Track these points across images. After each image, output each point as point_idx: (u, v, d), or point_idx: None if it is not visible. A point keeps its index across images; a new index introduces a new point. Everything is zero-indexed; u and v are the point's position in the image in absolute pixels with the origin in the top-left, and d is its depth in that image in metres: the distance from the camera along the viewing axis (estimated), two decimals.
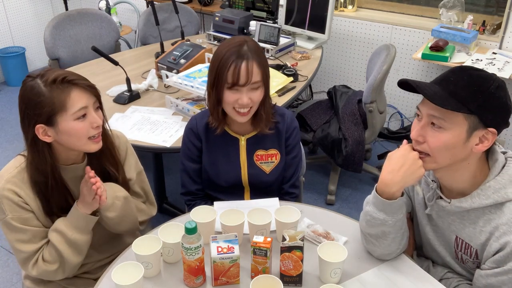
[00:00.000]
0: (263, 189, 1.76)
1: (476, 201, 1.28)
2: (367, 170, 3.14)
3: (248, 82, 1.53)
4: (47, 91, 1.27)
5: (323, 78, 3.96)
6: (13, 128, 3.81)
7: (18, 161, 1.39)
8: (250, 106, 1.58)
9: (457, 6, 3.18)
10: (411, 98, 3.63)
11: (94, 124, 1.34)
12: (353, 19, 3.61)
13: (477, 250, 1.33)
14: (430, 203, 1.39)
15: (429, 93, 1.21)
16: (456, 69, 1.26)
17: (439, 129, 1.22)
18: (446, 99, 1.19)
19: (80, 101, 1.30)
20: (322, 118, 3.00)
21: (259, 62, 1.55)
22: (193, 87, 2.22)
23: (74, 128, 1.30)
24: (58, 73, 1.29)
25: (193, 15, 3.65)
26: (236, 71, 1.51)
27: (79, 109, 1.30)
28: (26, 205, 1.36)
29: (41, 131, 1.30)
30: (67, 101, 1.28)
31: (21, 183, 1.35)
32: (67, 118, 1.29)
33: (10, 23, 4.51)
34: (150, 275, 1.35)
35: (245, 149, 1.71)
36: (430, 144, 1.24)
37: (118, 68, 2.35)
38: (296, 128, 1.76)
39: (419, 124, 1.27)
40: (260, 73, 1.55)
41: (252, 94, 1.56)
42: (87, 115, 1.33)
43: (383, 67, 2.63)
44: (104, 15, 3.39)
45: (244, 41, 1.55)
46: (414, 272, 1.37)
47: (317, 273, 1.35)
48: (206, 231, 1.43)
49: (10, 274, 2.48)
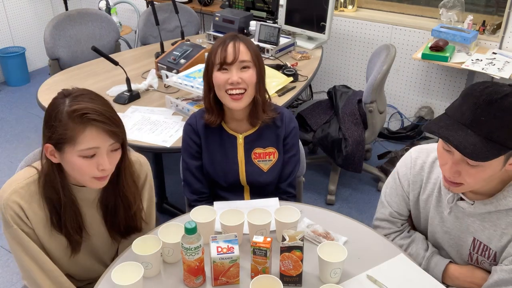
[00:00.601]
0: (262, 188, 1.76)
1: (502, 203, 1.27)
2: (367, 170, 3.14)
3: (235, 59, 1.56)
4: (65, 118, 1.21)
5: (323, 78, 3.96)
6: (13, 128, 3.81)
7: (28, 173, 1.35)
8: (242, 87, 1.58)
9: (457, 6, 3.18)
10: (411, 98, 3.63)
11: (100, 167, 1.26)
12: (353, 19, 3.61)
13: (496, 252, 1.33)
14: (450, 204, 1.38)
15: (470, 150, 1.13)
16: (483, 105, 1.15)
17: (476, 167, 1.17)
18: (487, 149, 1.13)
19: (91, 141, 1.23)
20: (322, 118, 3.00)
21: (248, 44, 1.59)
22: (193, 87, 2.22)
23: (77, 164, 1.25)
24: (82, 105, 1.22)
25: (193, 15, 3.65)
26: (223, 50, 1.57)
27: (88, 148, 1.23)
28: (27, 220, 1.32)
29: (49, 150, 1.27)
30: (79, 136, 1.22)
31: (28, 196, 1.31)
32: (73, 152, 1.24)
33: (10, 23, 4.51)
34: (150, 275, 1.35)
35: (243, 147, 1.72)
36: (467, 180, 1.21)
37: (118, 68, 2.35)
38: (295, 127, 1.76)
39: (452, 160, 1.21)
40: (249, 53, 1.58)
41: (242, 73, 1.58)
42: (97, 156, 1.25)
43: (383, 67, 2.63)
44: (104, 15, 3.39)
45: (234, 34, 1.62)
46: (414, 272, 1.37)
47: (317, 273, 1.35)
48: (206, 231, 1.43)
49: (10, 274, 2.48)
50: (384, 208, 1.55)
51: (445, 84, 3.43)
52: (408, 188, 1.50)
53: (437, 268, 1.44)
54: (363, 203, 3.02)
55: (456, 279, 1.43)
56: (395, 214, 1.54)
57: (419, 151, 1.48)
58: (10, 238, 1.34)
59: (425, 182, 1.45)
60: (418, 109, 3.62)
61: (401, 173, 1.50)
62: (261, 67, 1.63)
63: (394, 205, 1.53)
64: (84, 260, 1.47)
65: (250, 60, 1.58)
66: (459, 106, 1.19)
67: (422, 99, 3.58)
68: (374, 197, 3.05)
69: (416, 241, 1.51)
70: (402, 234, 1.54)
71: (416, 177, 1.47)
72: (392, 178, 1.54)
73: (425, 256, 1.47)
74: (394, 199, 1.53)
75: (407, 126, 3.68)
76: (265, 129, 1.72)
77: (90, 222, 1.42)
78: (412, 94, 3.61)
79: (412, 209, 1.53)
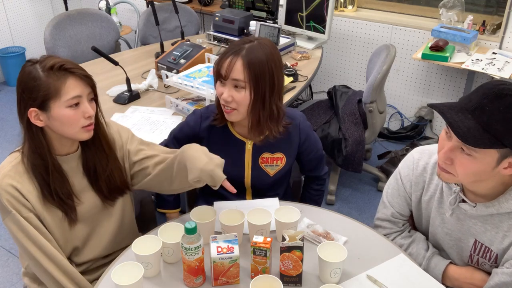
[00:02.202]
0: (265, 192, 1.76)
1: (504, 206, 1.26)
2: (367, 170, 3.14)
3: (227, 76, 1.50)
4: (44, 76, 1.29)
5: (323, 78, 3.96)
6: (13, 128, 3.81)
7: (12, 157, 1.41)
8: (232, 106, 1.53)
9: (457, 6, 3.18)
10: (411, 98, 3.63)
11: (86, 114, 1.35)
12: (353, 19, 3.61)
13: (497, 254, 1.32)
14: (452, 206, 1.38)
15: (462, 131, 1.14)
16: (491, 96, 1.15)
17: (469, 156, 1.18)
18: (480, 136, 1.13)
19: (74, 89, 1.32)
20: (322, 118, 3.00)
21: (248, 62, 1.48)
22: (193, 87, 2.22)
23: (65, 115, 1.32)
24: (56, 60, 1.32)
25: (193, 15, 3.65)
26: (221, 62, 1.52)
27: (73, 97, 1.32)
28: (24, 200, 1.36)
29: (33, 114, 1.32)
30: (62, 88, 1.30)
31: (17, 176, 1.36)
32: (60, 105, 1.31)
33: (10, 23, 4.51)
34: (150, 275, 1.35)
35: (251, 152, 1.69)
36: (457, 169, 1.22)
37: (118, 68, 2.35)
38: (310, 129, 1.73)
39: (448, 145, 1.22)
40: (245, 73, 1.48)
41: (235, 92, 1.51)
42: (80, 105, 1.34)
43: (383, 67, 2.63)
44: (104, 15, 3.39)
45: (251, 40, 1.53)
46: (414, 272, 1.37)
47: (317, 273, 1.35)
48: (206, 231, 1.43)
49: (10, 274, 2.48)
50: (386, 209, 1.55)
51: (445, 84, 3.43)
52: (410, 189, 1.50)
53: (437, 268, 1.44)
54: (363, 203, 3.02)
55: (455, 280, 1.43)
56: (397, 215, 1.54)
57: (421, 153, 1.48)
58: (10, 225, 1.37)
59: (427, 183, 1.45)
60: (418, 109, 3.62)
61: (403, 174, 1.50)
62: (261, 87, 1.51)
63: (396, 206, 1.53)
64: (84, 230, 1.50)
65: (245, 80, 1.48)
66: (469, 95, 1.21)
67: (422, 99, 3.58)
68: (374, 197, 3.06)
69: (417, 241, 1.51)
70: (403, 233, 1.55)
71: (419, 179, 1.46)
72: (394, 179, 1.54)
73: (425, 256, 1.47)
74: (396, 200, 1.53)
75: (407, 126, 3.68)
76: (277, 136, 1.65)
77: (79, 190, 1.47)
78: (412, 94, 3.61)
79: (413, 210, 1.53)
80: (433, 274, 1.42)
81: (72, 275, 1.43)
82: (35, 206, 1.37)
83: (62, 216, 1.43)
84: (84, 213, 1.48)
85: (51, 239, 1.41)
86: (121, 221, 1.58)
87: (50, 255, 1.39)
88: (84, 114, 1.35)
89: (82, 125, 1.36)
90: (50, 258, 1.39)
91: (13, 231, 1.37)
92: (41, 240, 1.38)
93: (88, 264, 1.56)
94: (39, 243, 1.37)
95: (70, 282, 1.43)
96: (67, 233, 1.46)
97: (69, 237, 1.47)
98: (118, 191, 1.54)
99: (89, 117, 1.37)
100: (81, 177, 1.47)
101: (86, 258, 1.54)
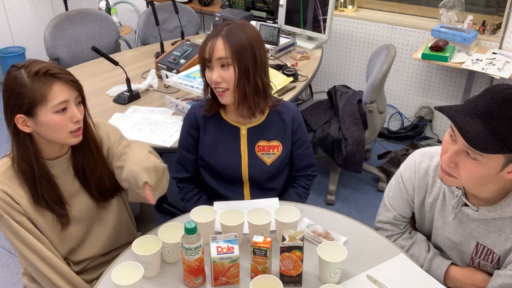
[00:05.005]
0: (262, 184, 1.76)
1: (507, 211, 1.26)
2: (367, 170, 3.14)
3: (211, 57, 1.54)
4: (29, 82, 1.27)
5: (323, 78, 3.96)
6: None
7: (2, 162, 1.40)
8: (223, 86, 1.56)
9: (457, 6, 3.18)
10: (411, 98, 3.63)
11: (74, 119, 1.34)
12: (353, 19, 3.61)
13: (500, 256, 1.32)
14: (455, 210, 1.37)
15: (471, 136, 1.13)
16: (499, 100, 1.14)
17: (474, 160, 1.17)
18: (488, 141, 1.12)
19: (61, 94, 1.30)
20: (322, 118, 3.00)
21: (229, 40, 1.52)
22: (193, 87, 2.22)
23: (53, 120, 1.31)
24: (41, 65, 1.30)
25: (193, 15, 3.65)
26: (203, 47, 1.56)
27: (59, 102, 1.30)
28: (16, 205, 1.35)
29: (20, 121, 1.31)
30: (48, 93, 1.28)
31: (8, 181, 1.35)
32: (47, 111, 1.30)
33: (10, 23, 4.51)
34: (150, 275, 1.35)
35: (246, 138, 1.71)
36: (461, 173, 1.21)
37: (118, 68, 2.35)
38: (302, 120, 1.78)
39: (453, 149, 1.20)
40: (226, 50, 1.52)
41: (223, 72, 1.55)
42: (68, 109, 1.33)
43: (383, 67, 2.63)
44: (104, 15, 3.39)
45: (229, 23, 1.57)
46: (414, 272, 1.37)
47: (317, 273, 1.35)
48: (206, 231, 1.43)
49: (10, 274, 2.48)
50: (388, 212, 1.55)
51: (445, 84, 3.43)
52: (413, 192, 1.49)
53: (439, 269, 1.44)
54: (363, 203, 3.02)
55: (457, 281, 1.43)
56: (399, 217, 1.53)
57: (422, 155, 1.47)
58: (4, 230, 1.37)
59: (430, 186, 1.44)
60: (418, 109, 3.62)
61: (405, 177, 1.50)
62: (243, 61, 1.54)
63: (398, 208, 1.53)
64: (78, 231, 1.49)
65: (228, 56, 1.52)
66: (476, 98, 1.19)
67: (422, 99, 3.58)
68: (374, 197, 3.06)
69: (418, 242, 1.51)
70: (404, 235, 1.54)
71: (421, 182, 1.46)
72: (396, 181, 1.53)
73: (427, 257, 1.47)
74: (397, 202, 1.53)
75: (407, 126, 3.68)
76: (271, 122, 1.71)
77: (71, 192, 1.46)
78: (412, 94, 3.61)
79: (416, 212, 1.53)
80: (435, 275, 1.42)
81: (68, 277, 1.43)
82: (27, 210, 1.37)
83: (55, 219, 1.42)
84: (77, 215, 1.47)
85: (45, 241, 1.40)
86: (117, 219, 1.58)
87: (45, 258, 1.39)
88: (72, 119, 1.33)
89: (70, 130, 1.34)
90: (45, 261, 1.39)
91: (7, 235, 1.37)
92: (35, 244, 1.37)
93: (86, 262, 1.55)
94: (33, 247, 1.37)
95: (67, 284, 1.42)
96: (61, 235, 1.45)
97: (63, 238, 1.46)
98: (109, 193, 1.54)
99: (77, 122, 1.35)
100: (73, 179, 1.46)
101: (84, 257, 1.53)
